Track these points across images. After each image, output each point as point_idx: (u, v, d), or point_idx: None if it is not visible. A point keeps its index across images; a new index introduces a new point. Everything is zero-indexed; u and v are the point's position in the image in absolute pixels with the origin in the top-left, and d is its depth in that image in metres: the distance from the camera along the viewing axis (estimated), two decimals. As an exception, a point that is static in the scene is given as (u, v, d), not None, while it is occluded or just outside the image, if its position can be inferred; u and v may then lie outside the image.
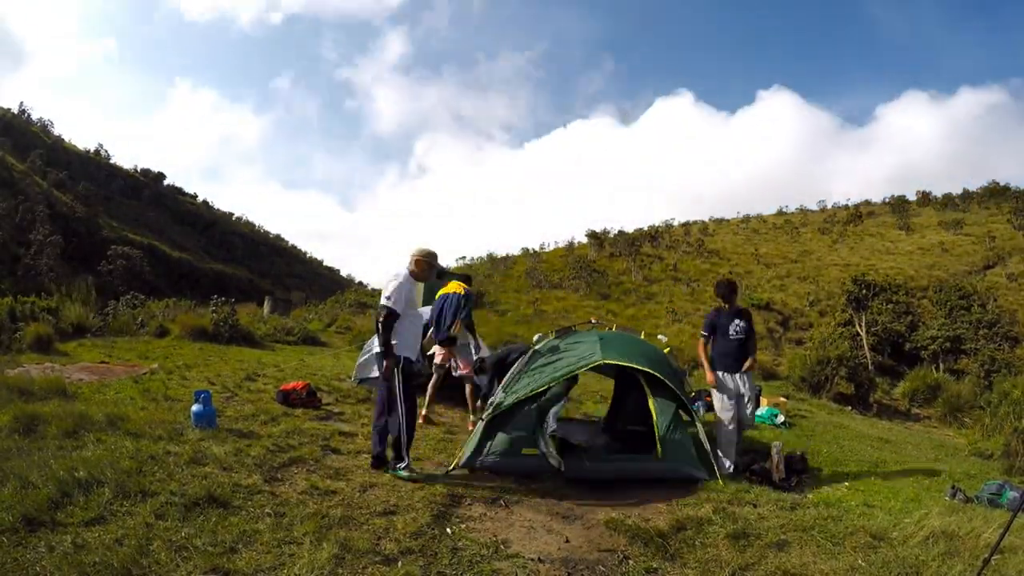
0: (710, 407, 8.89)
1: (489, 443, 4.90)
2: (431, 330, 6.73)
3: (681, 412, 5.23)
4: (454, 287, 6.86)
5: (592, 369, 5.80)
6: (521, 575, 3.19)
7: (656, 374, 5.23)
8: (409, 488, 4.24)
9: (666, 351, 6.81)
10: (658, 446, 4.97)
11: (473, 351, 6.79)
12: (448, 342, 6.65)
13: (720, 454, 5.50)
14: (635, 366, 5.27)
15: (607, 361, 5.32)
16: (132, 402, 5.80)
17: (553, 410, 5.03)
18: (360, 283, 70.64)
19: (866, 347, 15.42)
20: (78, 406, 5.15)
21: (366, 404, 7.11)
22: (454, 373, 6.89)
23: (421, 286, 6.19)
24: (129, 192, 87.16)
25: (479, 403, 6.48)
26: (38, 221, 45.46)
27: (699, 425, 5.55)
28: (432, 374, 6.84)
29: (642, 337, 7.22)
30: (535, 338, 6.45)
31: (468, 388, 6.81)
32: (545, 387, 5.09)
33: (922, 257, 28.04)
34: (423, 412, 6.45)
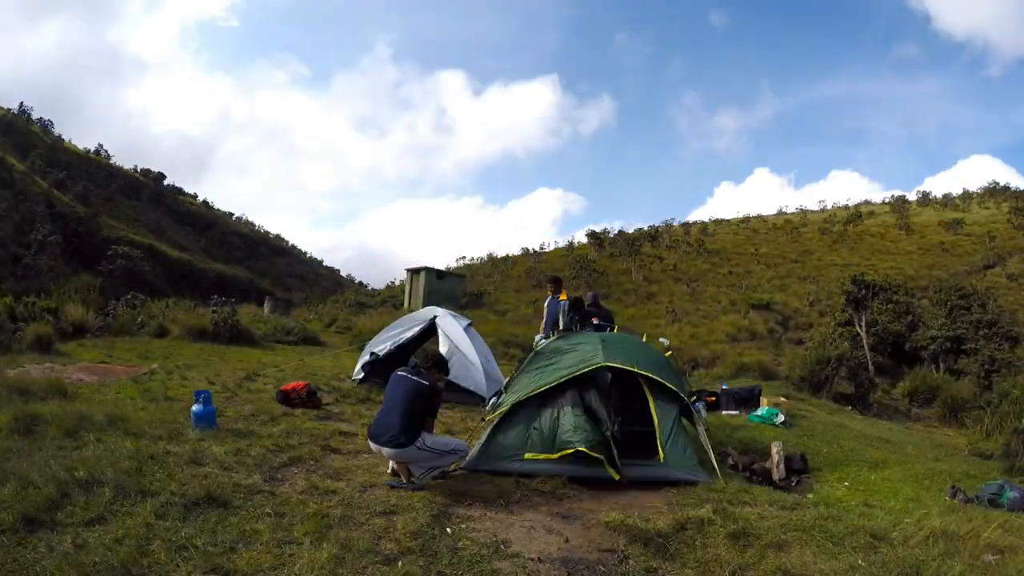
0: (710, 407, 8.92)
1: (491, 447, 4.89)
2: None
3: (682, 416, 5.23)
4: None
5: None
6: (521, 575, 3.19)
7: (658, 379, 5.22)
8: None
9: (667, 354, 6.83)
10: (660, 451, 4.96)
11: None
12: None
13: None
14: (637, 370, 5.26)
15: (609, 364, 5.32)
16: (132, 402, 5.80)
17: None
18: (360, 283, 70.72)
19: (866, 347, 15.41)
20: (78, 406, 5.15)
21: (366, 404, 7.11)
22: None
23: (421, 289, 6.26)
24: (129, 192, 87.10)
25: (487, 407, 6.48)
26: (38, 221, 45.41)
27: (700, 428, 5.56)
28: None
29: (644, 339, 7.23)
30: (536, 338, 6.46)
31: None
32: (546, 387, 5.09)
33: (922, 257, 28.08)
34: None
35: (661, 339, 7.51)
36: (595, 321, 7.70)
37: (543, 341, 6.43)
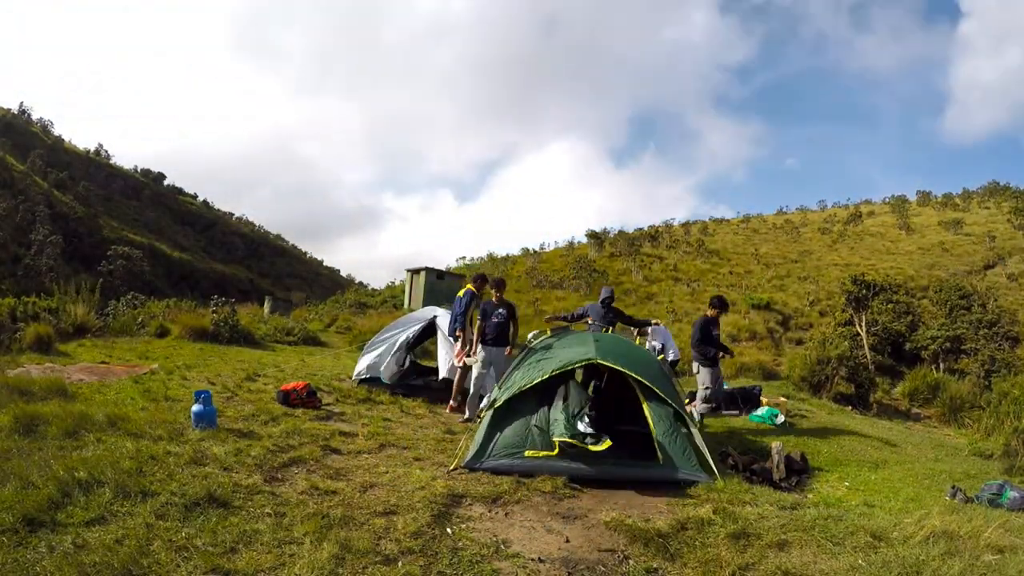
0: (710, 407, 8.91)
1: (491, 445, 4.90)
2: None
3: (677, 417, 5.23)
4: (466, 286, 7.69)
5: (583, 368, 5.85)
6: (521, 575, 3.19)
7: (647, 383, 5.22)
8: (409, 488, 4.25)
9: (660, 357, 6.87)
10: (658, 452, 4.96)
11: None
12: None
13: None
14: (628, 372, 5.26)
15: (601, 362, 5.33)
16: (132, 402, 5.81)
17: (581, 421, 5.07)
18: (360, 283, 70.74)
19: (866, 347, 15.41)
20: (78, 406, 5.16)
21: (366, 404, 7.12)
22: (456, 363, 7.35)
23: (421, 288, 6.37)
24: (129, 192, 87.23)
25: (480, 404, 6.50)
26: (38, 221, 45.50)
27: (694, 429, 5.57)
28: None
29: (636, 343, 7.27)
30: (530, 336, 6.48)
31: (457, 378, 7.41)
32: (538, 381, 5.11)
33: (922, 257, 28.07)
34: (451, 403, 7.26)
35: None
36: (589, 322, 7.71)
37: (539, 338, 6.45)
